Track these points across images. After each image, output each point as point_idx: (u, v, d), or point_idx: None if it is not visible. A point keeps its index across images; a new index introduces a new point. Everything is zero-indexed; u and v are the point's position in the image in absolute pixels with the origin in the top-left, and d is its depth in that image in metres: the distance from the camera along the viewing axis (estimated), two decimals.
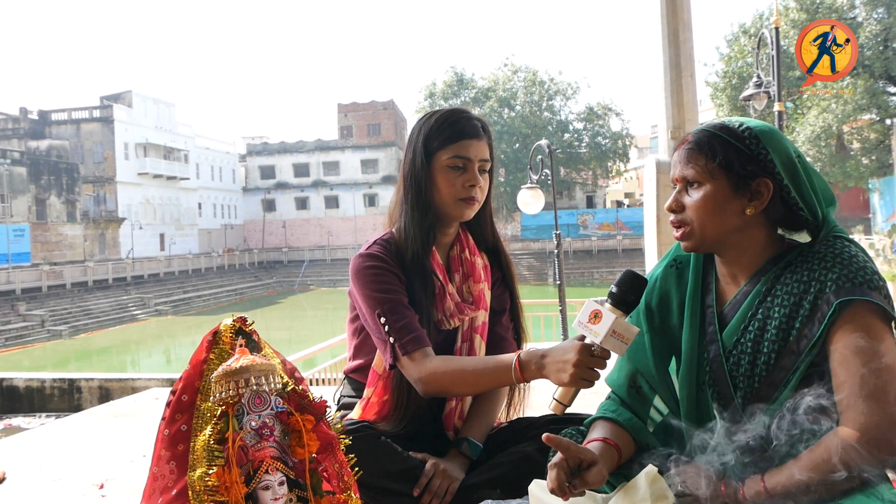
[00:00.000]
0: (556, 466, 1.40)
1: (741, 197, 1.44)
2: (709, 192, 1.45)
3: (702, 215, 1.46)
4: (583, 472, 1.39)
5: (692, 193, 1.48)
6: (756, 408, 1.41)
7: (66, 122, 49.24)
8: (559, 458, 1.40)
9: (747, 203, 1.44)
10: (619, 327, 1.47)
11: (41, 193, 42.11)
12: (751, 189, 1.44)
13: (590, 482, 1.39)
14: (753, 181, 1.43)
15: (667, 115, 4.37)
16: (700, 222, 1.47)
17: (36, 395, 7.56)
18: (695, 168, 1.46)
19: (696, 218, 1.47)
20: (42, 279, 35.93)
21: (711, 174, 1.45)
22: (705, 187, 1.45)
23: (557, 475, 1.39)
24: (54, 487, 2.77)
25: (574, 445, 1.41)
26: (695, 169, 1.46)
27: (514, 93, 54.35)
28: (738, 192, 1.44)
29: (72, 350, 29.15)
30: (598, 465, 1.40)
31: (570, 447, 1.40)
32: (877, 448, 1.26)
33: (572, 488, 1.38)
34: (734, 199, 1.44)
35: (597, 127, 54.51)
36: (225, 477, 1.27)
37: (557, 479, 1.38)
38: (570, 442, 1.42)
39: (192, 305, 42.34)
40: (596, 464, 1.40)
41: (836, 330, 1.34)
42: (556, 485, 1.39)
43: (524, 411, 2.08)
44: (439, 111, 1.96)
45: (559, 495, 1.40)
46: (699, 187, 1.46)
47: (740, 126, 1.46)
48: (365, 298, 1.86)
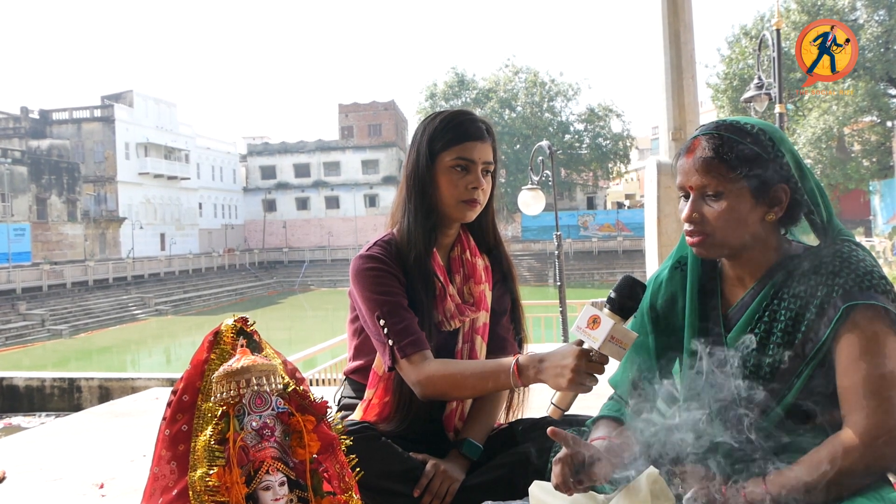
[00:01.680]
0: (560, 462, 1.39)
1: (762, 205, 1.41)
2: (732, 203, 1.40)
3: (724, 226, 1.41)
4: (587, 467, 1.39)
5: (712, 203, 1.42)
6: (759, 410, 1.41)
7: (67, 121, 49.26)
8: (564, 453, 1.40)
9: (768, 210, 1.41)
10: (618, 333, 1.47)
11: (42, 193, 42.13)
12: (770, 196, 1.40)
13: (594, 478, 1.39)
14: (773, 187, 1.40)
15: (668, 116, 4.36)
16: (723, 233, 1.42)
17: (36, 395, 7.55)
18: (716, 178, 1.40)
19: (718, 228, 1.42)
20: (42, 278, 35.93)
21: (734, 184, 1.39)
22: (727, 198, 1.40)
23: (562, 470, 1.38)
24: (54, 487, 2.77)
25: (578, 441, 1.41)
26: (716, 179, 1.40)
27: (515, 94, 54.35)
28: (759, 201, 1.40)
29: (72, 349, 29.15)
30: (602, 461, 1.40)
31: (575, 443, 1.40)
32: (879, 451, 1.27)
33: (576, 484, 1.38)
34: (756, 207, 1.41)
35: (598, 128, 54.51)
36: (226, 477, 1.27)
37: (562, 474, 1.38)
38: (575, 437, 1.42)
39: (193, 305, 42.34)
40: (600, 460, 1.40)
41: (843, 334, 1.33)
42: (560, 480, 1.38)
43: (524, 413, 2.08)
44: (443, 112, 1.96)
45: (563, 491, 1.39)
46: (720, 198, 1.41)
47: (754, 128, 1.42)
48: (364, 300, 1.86)
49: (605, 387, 1.68)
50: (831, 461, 1.29)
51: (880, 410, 1.27)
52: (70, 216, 44.21)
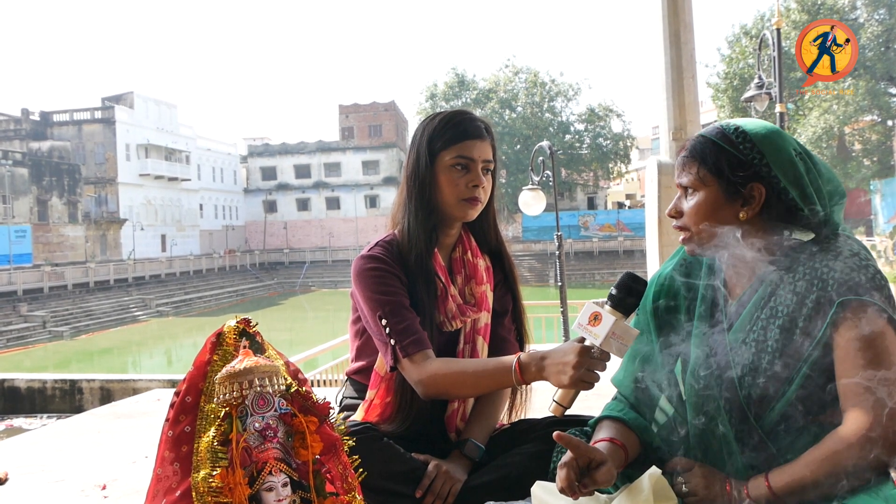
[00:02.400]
0: (565, 466, 1.39)
1: (734, 202, 1.46)
2: (701, 199, 1.48)
3: (696, 221, 1.49)
4: (592, 471, 1.39)
5: (689, 200, 1.50)
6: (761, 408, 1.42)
7: (68, 123, 49.30)
8: (569, 457, 1.40)
9: (740, 208, 1.46)
10: (619, 329, 1.47)
11: (43, 194, 42.17)
12: (743, 194, 1.45)
13: (599, 482, 1.39)
14: (745, 187, 1.44)
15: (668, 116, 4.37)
16: (696, 228, 1.49)
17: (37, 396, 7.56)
18: (689, 175, 1.49)
19: (691, 224, 1.50)
20: (43, 280, 35.95)
21: (703, 181, 1.47)
22: (699, 194, 1.48)
23: (567, 474, 1.39)
24: (56, 488, 2.77)
25: (584, 444, 1.41)
26: (689, 176, 1.49)
27: (515, 94, 54.37)
28: (730, 198, 1.46)
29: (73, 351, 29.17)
30: (607, 465, 1.40)
31: (579, 446, 1.40)
32: (879, 446, 1.28)
33: (581, 487, 1.38)
34: (726, 204, 1.46)
35: (598, 128, 54.51)
36: (228, 478, 1.27)
37: (567, 478, 1.38)
38: (580, 441, 1.42)
39: (194, 306, 42.37)
40: (605, 463, 1.40)
41: (839, 329, 1.34)
42: (566, 484, 1.39)
43: (526, 413, 2.08)
44: (443, 112, 1.97)
45: (569, 495, 1.39)
46: (694, 194, 1.49)
47: (736, 130, 1.46)
48: (366, 300, 1.87)
49: (606, 385, 1.68)
50: (832, 457, 1.30)
51: (878, 406, 1.28)
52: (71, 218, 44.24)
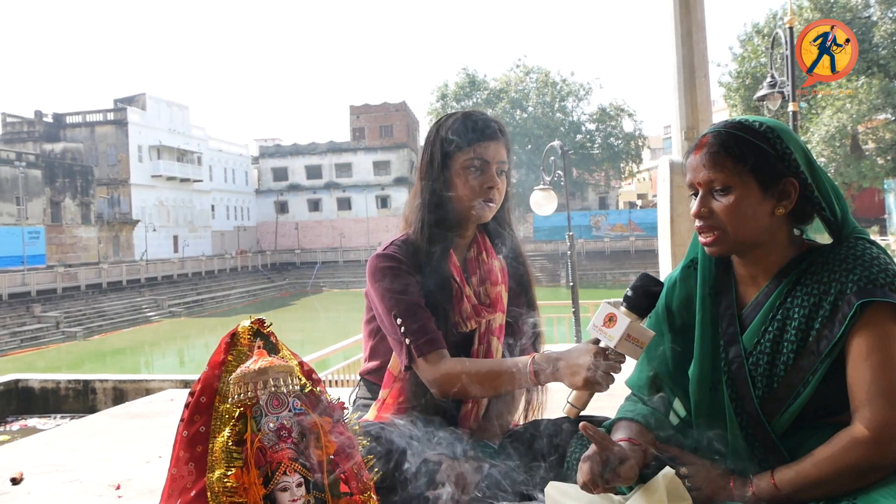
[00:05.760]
0: (589, 459, 1.39)
1: (770, 198, 1.41)
2: (740, 197, 1.41)
3: (734, 220, 1.42)
4: (616, 466, 1.39)
5: (720, 198, 1.43)
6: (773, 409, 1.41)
7: (81, 124, 49.59)
8: (593, 451, 1.40)
9: (776, 204, 1.42)
10: (634, 331, 1.46)
11: (56, 196, 42.42)
12: (779, 189, 1.41)
13: (623, 477, 1.38)
14: (781, 181, 1.41)
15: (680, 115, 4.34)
16: (733, 227, 1.42)
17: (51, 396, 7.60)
18: (723, 172, 1.42)
19: (728, 223, 1.42)
20: (57, 281, 36.17)
21: (741, 177, 1.41)
22: (735, 191, 1.41)
23: (591, 468, 1.38)
24: (71, 488, 2.79)
25: (608, 439, 1.41)
26: (723, 173, 1.42)
27: (526, 94, 54.32)
28: (767, 194, 1.41)
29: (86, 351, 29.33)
30: (630, 461, 1.40)
31: (604, 441, 1.40)
32: (887, 446, 1.27)
33: (604, 483, 1.38)
34: (764, 201, 1.41)
35: (609, 128, 54.40)
36: (243, 478, 1.27)
37: (591, 471, 1.38)
38: (605, 435, 1.41)
39: (206, 307, 42.54)
40: (628, 459, 1.40)
41: (857, 331, 1.33)
42: (588, 478, 1.38)
43: (543, 414, 2.07)
44: (457, 113, 1.97)
45: (591, 489, 1.39)
46: (729, 192, 1.42)
47: (761, 126, 1.43)
48: (381, 299, 1.87)
49: (620, 387, 1.68)
50: (839, 456, 1.30)
51: (890, 406, 1.28)
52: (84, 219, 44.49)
